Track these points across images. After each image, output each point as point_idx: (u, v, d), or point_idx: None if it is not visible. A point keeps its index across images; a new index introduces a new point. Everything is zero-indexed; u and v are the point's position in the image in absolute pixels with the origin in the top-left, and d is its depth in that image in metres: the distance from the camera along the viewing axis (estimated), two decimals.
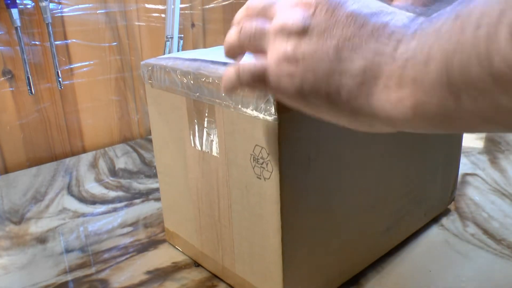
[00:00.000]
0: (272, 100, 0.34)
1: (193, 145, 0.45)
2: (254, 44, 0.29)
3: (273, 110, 0.34)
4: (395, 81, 0.23)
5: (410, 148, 0.49)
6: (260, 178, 0.38)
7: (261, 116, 0.35)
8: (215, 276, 0.49)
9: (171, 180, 0.50)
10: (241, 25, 0.30)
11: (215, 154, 0.42)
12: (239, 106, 0.37)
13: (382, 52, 0.23)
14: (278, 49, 0.27)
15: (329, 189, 0.41)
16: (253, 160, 0.38)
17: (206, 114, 0.42)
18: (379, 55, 0.23)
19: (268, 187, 0.37)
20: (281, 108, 0.34)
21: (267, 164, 0.36)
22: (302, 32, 0.26)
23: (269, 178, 0.37)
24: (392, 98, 0.23)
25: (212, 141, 0.42)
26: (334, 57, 0.25)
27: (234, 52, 0.31)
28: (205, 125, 0.42)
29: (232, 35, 0.31)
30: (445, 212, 0.60)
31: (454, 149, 0.58)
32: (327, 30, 0.25)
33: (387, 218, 0.50)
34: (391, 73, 0.23)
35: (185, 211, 0.50)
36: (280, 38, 0.27)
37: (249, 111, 0.36)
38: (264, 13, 0.29)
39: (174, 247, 0.54)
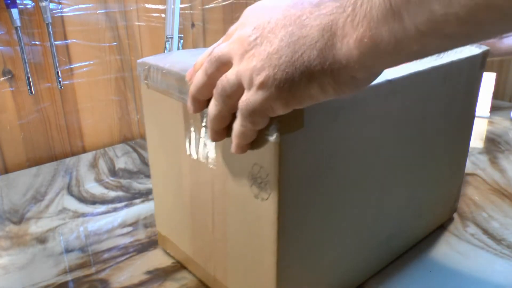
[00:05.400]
0: (274, 120, 0.32)
1: (188, 153, 0.43)
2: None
3: (274, 130, 0.33)
4: (350, 26, 0.25)
5: (413, 160, 0.48)
6: (257, 198, 0.36)
7: (262, 135, 0.34)
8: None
9: (165, 185, 0.49)
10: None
11: (211, 166, 0.40)
12: None
13: (331, 11, 0.26)
14: (247, 67, 0.29)
15: (329, 208, 0.40)
16: (251, 178, 0.36)
17: (204, 124, 0.40)
18: (329, 14, 0.26)
19: (266, 208, 0.36)
20: (283, 128, 0.33)
21: (265, 184, 0.35)
22: (254, 45, 0.29)
23: (267, 199, 0.35)
24: (352, 41, 0.26)
25: (208, 152, 0.40)
26: (289, 40, 0.28)
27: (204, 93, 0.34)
28: (202, 135, 0.40)
29: (199, 76, 0.34)
30: None
31: (459, 160, 0.57)
32: (271, 31, 0.28)
33: (388, 231, 0.48)
34: (345, 21, 0.26)
35: (178, 217, 0.48)
36: (244, 60, 0.29)
37: None
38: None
39: (166, 251, 0.53)
